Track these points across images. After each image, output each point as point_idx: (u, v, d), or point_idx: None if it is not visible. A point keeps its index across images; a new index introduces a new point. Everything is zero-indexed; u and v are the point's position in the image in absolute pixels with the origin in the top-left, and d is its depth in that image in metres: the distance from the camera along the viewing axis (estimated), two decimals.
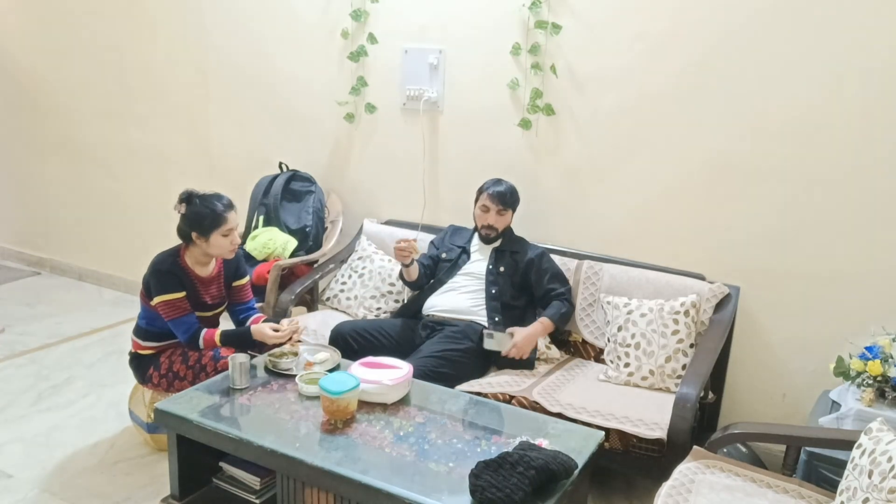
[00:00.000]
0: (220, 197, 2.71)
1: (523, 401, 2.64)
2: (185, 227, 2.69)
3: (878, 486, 1.70)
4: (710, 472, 2.11)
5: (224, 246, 2.69)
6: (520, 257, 3.06)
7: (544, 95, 3.19)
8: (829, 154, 2.71)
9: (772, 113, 2.78)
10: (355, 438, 2.18)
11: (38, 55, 4.74)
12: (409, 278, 3.11)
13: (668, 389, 2.74)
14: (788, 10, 2.69)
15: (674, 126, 2.97)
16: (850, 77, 2.63)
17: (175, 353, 2.75)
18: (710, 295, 2.87)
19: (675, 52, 2.91)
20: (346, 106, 3.70)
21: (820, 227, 2.77)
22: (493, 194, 3.04)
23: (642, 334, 2.83)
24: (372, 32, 3.55)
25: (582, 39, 3.08)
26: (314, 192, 3.73)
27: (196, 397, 2.40)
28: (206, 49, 4.08)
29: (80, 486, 2.68)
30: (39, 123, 4.87)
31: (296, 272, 3.56)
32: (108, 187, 4.70)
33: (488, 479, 1.88)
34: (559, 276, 3.07)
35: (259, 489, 2.38)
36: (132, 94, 4.42)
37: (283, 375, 2.58)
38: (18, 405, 3.24)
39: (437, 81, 3.45)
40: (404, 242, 2.98)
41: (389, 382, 2.38)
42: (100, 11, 4.39)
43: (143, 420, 2.85)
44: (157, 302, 2.66)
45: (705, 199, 2.97)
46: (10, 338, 3.96)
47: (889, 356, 2.40)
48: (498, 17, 3.23)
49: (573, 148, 3.20)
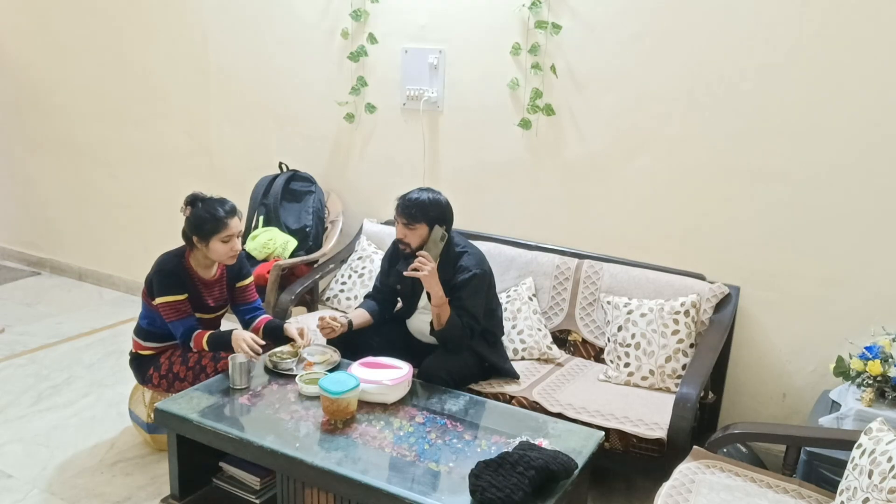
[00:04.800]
0: (223, 202, 2.69)
1: (523, 401, 2.64)
2: (188, 231, 2.69)
3: (879, 486, 1.70)
4: (710, 472, 2.11)
5: (223, 252, 2.68)
6: (448, 274, 2.72)
7: (544, 95, 3.19)
8: (830, 154, 2.71)
9: (772, 113, 2.78)
10: (355, 438, 2.18)
11: (38, 55, 4.74)
12: (359, 328, 2.85)
13: (668, 389, 2.74)
14: (788, 10, 2.68)
15: (674, 126, 2.97)
16: (850, 77, 2.63)
17: (175, 354, 2.75)
18: (711, 295, 2.87)
19: (675, 52, 2.91)
20: (346, 106, 3.70)
21: (820, 227, 2.77)
22: (398, 205, 2.73)
23: (642, 334, 2.83)
24: (372, 32, 3.55)
25: (582, 39, 3.08)
26: (314, 192, 3.73)
27: (196, 397, 2.40)
28: (206, 49, 4.08)
29: (80, 486, 2.68)
30: (39, 123, 4.87)
31: (296, 272, 3.56)
32: (108, 187, 4.70)
33: (488, 479, 1.88)
34: (467, 310, 2.69)
35: (259, 489, 2.38)
36: (132, 94, 4.42)
37: (283, 375, 2.59)
38: (18, 405, 3.24)
39: (437, 81, 3.45)
40: (324, 322, 2.73)
41: (389, 382, 2.38)
42: (100, 11, 4.39)
43: (143, 420, 2.85)
44: (158, 303, 2.66)
45: (705, 199, 2.96)
46: (10, 338, 3.96)
47: (889, 356, 2.40)
48: (498, 17, 3.23)
49: (573, 148, 3.20)
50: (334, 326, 2.72)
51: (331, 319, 2.73)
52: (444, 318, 2.66)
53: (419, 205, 2.70)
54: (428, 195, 2.74)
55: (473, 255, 2.78)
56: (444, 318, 2.66)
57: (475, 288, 2.71)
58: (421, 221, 2.69)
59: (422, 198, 2.72)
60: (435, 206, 2.73)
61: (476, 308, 2.71)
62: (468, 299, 2.69)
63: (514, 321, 3.07)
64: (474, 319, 2.71)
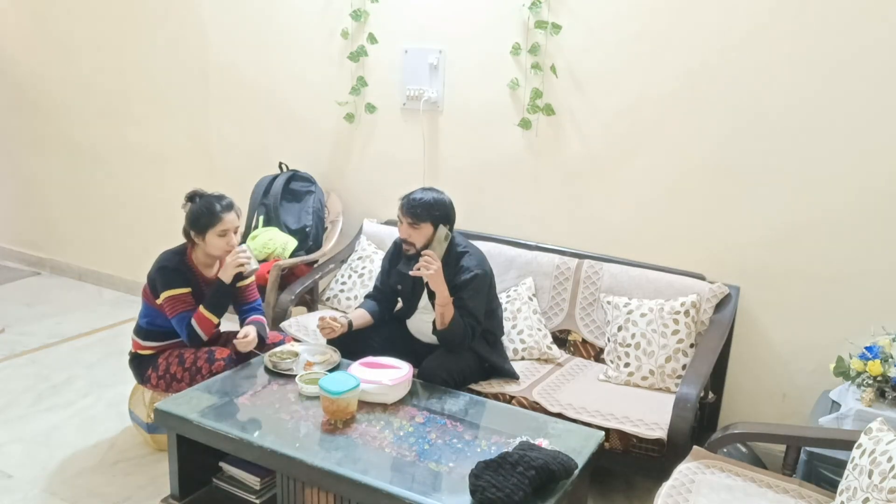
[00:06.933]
0: (221, 198, 2.71)
1: (523, 401, 2.64)
2: (186, 226, 2.71)
3: (879, 486, 1.70)
4: (710, 472, 2.11)
5: (219, 247, 2.69)
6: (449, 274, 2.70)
7: (544, 95, 3.19)
8: (830, 154, 2.71)
9: (772, 113, 2.78)
10: (355, 438, 2.18)
11: (38, 55, 4.73)
12: (359, 328, 2.85)
13: (668, 389, 2.74)
14: (788, 10, 2.69)
15: (674, 126, 2.97)
16: (850, 77, 2.63)
17: (172, 355, 2.74)
18: (711, 295, 2.87)
19: (675, 52, 2.91)
20: (346, 106, 3.69)
21: (820, 227, 2.77)
22: (403, 204, 2.73)
23: (642, 334, 2.83)
24: (372, 32, 3.55)
25: (582, 39, 3.08)
26: (314, 192, 3.73)
27: (196, 397, 2.40)
28: (206, 49, 4.08)
29: (80, 486, 2.68)
30: (39, 123, 4.87)
31: (296, 272, 3.56)
32: (109, 187, 4.69)
33: (488, 479, 1.88)
34: (469, 311, 2.69)
35: (259, 489, 2.38)
36: (132, 94, 4.42)
37: (283, 375, 2.58)
38: (18, 405, 3.24)
39: (437, 81, 3.45)
40: (324, 322, 2.73)
41: (389, 382, 2.38)
42: (100, 11, 4.39)
43: (143, 420, 2.85)
44: (163, 298, 2.66)
45: (705, 199, 2.97)
46: (10, 338, 3.96)
47: (889, 356, 2.40)
48: (498, 18, 3.23)
49: (573, 148, 3.20)
50: (334, 326, 2.72)
51: (331, 319, 2.72)
52: (447, 318, 2.66)
53: (423, 204, 2.69)
54: (432, 195, 2.74)
55: (475, 256, 2.79)
56: (447, 318, 2.66)
57: (476, 288, 2.71)
58: (426, 221, 2.69)
59: (426, 197, 2.72)
60: (439, 205, 2.73)
61: (477, 308, 2.71)
62: (470, 300, 2.69)
63: (514, 321, 3.07)
64: (475, 320, 2.71)
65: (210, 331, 2.69)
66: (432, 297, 2.71)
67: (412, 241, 2.73)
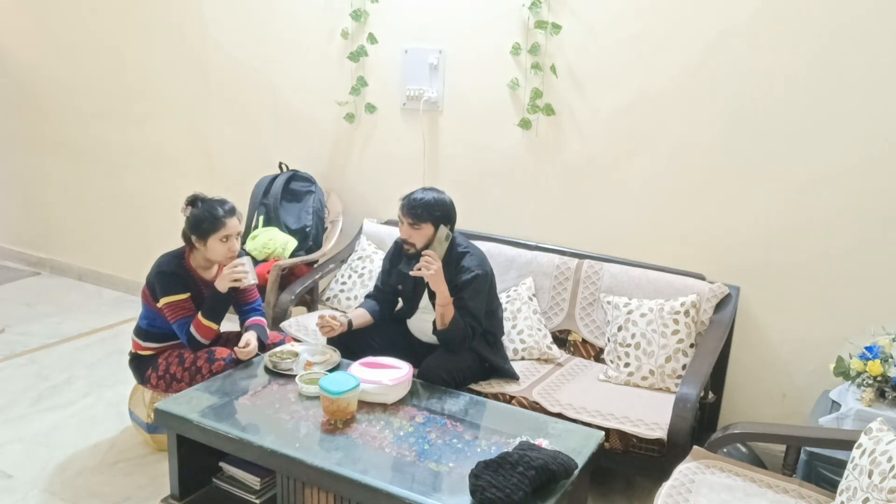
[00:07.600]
0: (223, 202, 2.70)
1: (523, 401, 2.64)
2: (187, 230, 2.70)
3: (879, 486, 1.70)
4: (710, 472, 2.11)
5: (220, 252, 2.68)
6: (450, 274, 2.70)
7: (544, 95, 3.19)
8: (829, 154, 2.71)
9: (772, 113, 2.78)
10: (355, 438, 2.18)
11: (38, 55, 4.73)
12: (359, 328, 2.84)
13: (668, 389, 2.74)
14: (788, 9, 2.69)
15: (674, 126, 2.97)
16: (850, 77, 2.63)
17: (172, 355, 2.74)
18: (711, 295, 2.87)
19: (675, 52, 2.91)
20: (346, 106, 3.69)
21: (820, 227, 2.77)
22: (403, 204, 2.73)
23: (642, 334, 2.83)
24: (372, 32, 3.55)
25: (582, 39, 3.08)
26: (314, 192, 3.73)
27: (196, 397, 2.40)
28: (206, 49, 4.08)
29: (80, 486, 2.68)
30: (39, 123, 4.87)
31: (296, 272, 3.56)
32: (108, 187, 4.69)
33: (488, 479, 1.88)
34: (469, 311, 2.69)
35: (259, 489, 2.38)
36: (132, 94, 4.42)
37: (283, 375, 2.58)
38: (18, 405, 3.24)
39: (437, 81, 3.45)
40: (324, 320, 2.72)
41: (389, 382, 2.38)
42: (100, 11, 4.39)
43: (143, 420, 2.85)
44: (162, 304, 2.66)
45: (705, 199, 2.97)
46: (10, 338, 3.96)
47: (889, 356, 2.40)
48: (498, 17, 3.23)
49: (573, 148, 3.20)
50: (333, 325, 2.72)
51: (330, 318, 2.72)
52: (447, 319, 2.66)
53: (424, 204, 2.69)
54: (433, 195, 2.74)
55: (475, 256, 2.78)
56: (447, 319, 2.66)
57: (477, 289, 2.71)
58: (426, 221, 2.69)
59: (427, 197, 2.71)
60: (440, 205, 2.73)
61: (478, 308, 2.71)
62: (470, 300, 2.69)
63: (514, 321, 3.07)
64: (476, 320, 2.70)
65: (211, 336, 2.70)
66: (433, 298, 2.71)
67: (413, 241, 2.73)
